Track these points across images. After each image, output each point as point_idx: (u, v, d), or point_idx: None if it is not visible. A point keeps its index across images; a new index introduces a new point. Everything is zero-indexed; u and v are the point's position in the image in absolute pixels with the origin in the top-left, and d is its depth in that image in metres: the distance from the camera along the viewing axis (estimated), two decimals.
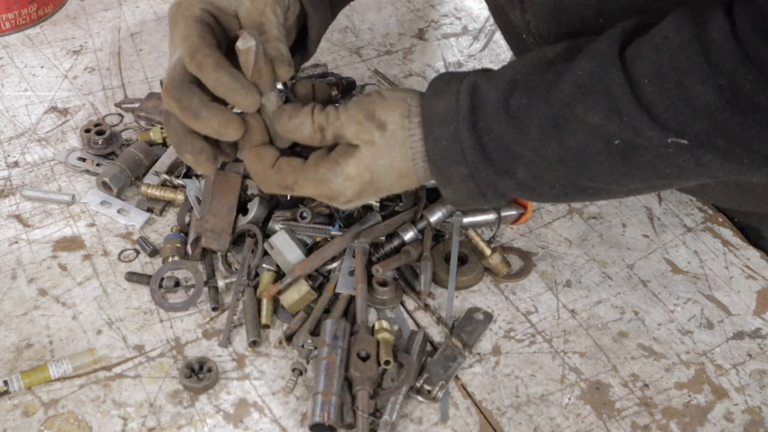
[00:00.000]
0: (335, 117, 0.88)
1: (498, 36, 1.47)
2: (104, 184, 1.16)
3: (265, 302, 1.02)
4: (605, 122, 0.79)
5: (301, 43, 1.02)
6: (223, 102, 0.88)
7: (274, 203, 1.13)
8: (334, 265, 1.07)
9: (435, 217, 1.09)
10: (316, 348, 0.97)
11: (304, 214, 1.09)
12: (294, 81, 1.19)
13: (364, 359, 0.95)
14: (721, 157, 0.77)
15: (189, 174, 1.19)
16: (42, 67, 1.41)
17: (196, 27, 0.87)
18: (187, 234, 1.11)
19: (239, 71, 0.86)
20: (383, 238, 1.08)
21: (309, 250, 1.08)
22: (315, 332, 0.99)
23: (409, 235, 1.08)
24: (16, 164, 1.23)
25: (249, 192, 1.12)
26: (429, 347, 1.01)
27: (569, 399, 0.96)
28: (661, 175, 0.82)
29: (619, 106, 0.77)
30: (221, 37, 0.90)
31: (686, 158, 0.78)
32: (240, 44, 0.84)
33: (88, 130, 1.24)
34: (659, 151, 0.78)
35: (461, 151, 0.84)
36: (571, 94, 0.80)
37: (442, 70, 1.39)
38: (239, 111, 0.89)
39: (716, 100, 0.74)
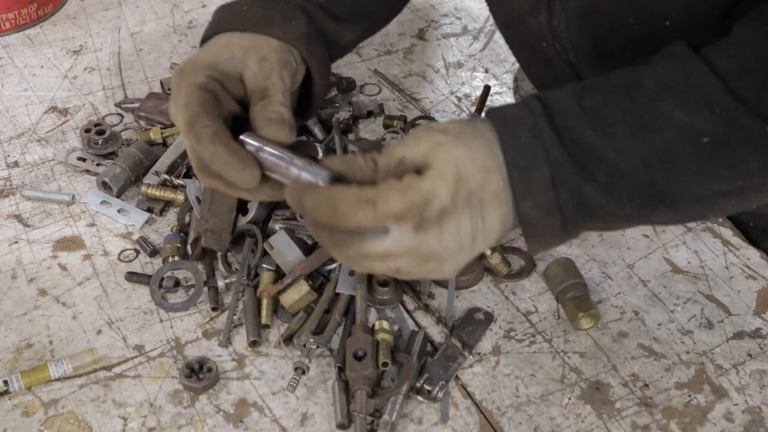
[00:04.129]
0: (387, 148, 0.81)
1: (498, 36, 1.47)
2: (104, 184, 1.16)
3: (265, 302, 1.02)
4: (695, 118, 0.76)
5: (303, 105, 1.00)
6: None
7: (274, 203, 1.13)
8: (334, 265, 1.07)
9: None
10: (318, 347, 0.97)
11: None
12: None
13: (360, 359, 0.95)
14: None
15: (189, 174, 1.19)
16: (42, 67, 1.41)
17: (199, 95, 0.84)
18: (187, 234, 1.11)
19: (239, 145, 0.83)
20: None
21: (309, 250, 1.08)
22: (317, 332, 0.99)
23: None
24: (16, 164, 1.23)
25: None
26: (429, 347, 1.01)
27: (569, 399, 0.96)
28: (749, 172, 0.78)
29: (710, 99, 0.75)
30: (228, 103, 0.87)
31: None
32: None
33: (88, 130, 1.24)
34: (755, 143, 0.76)
35: (544, 149, 0.76)
36: (655, 91, 0.77)
37: (442, 70, 1.40)
38: None
39: None
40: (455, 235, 0.76)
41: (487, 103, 1.27)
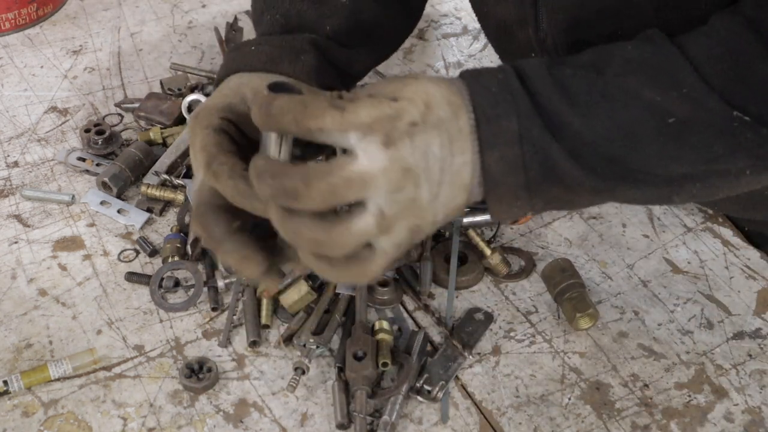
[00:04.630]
0: (356, 90, 0.80)
1: None
2: (104, 184, 1.16)
3: (265, 302, 1.02)
4: (662, 97, 0.76)
5: None
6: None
7: None
8: None
9: None
10: (318, 347, 0.97)
11: None
12: None
13: (360, 359, 0.95)
14: None
15: (189, 174, 1.19)
16: (42, 67, 1.41)
17: (214, 137, 0.84)
18: (187, 234, 1.11)
19: None
20: None
21: None
22: (317, 332, 1.00)
23: None
24: (16, 164, 1.23)
25: None
26: (429, 347, 1.01)
27: (569, 399, 0.96)
28: (712, 157, 0.77)
29: (679, 80, 0.76)
30: (243, 141, 0.87)
31: (749, 136, 0.76)
32: None
33: (88, 130, 1.24)
34: (720, 127, 0.76)
35: (513, 101, 0.76)
36: (623, 68, 0.77)
37: (443, 71, 1.40)
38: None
39: None
40: (425, 154, 0.73)
41: None
